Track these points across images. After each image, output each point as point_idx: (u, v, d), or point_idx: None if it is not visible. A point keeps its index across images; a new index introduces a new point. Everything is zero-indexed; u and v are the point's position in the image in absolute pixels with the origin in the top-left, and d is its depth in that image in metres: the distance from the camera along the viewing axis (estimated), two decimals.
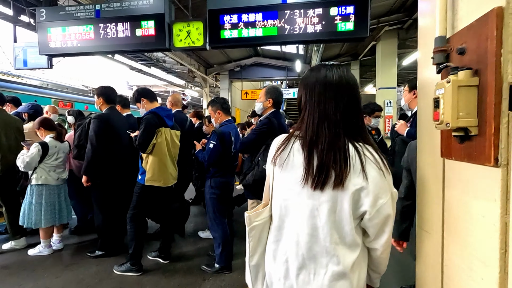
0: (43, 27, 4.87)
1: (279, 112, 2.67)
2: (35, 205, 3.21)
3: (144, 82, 22.84)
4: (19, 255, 3.31)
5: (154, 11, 4.49)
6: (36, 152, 3.18)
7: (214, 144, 2.78)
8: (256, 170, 2.31)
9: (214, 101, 3.10)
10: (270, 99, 2.64)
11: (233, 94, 14.84)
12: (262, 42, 4.39)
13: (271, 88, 2.70)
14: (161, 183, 2.94)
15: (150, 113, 2.91)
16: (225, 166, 2.93)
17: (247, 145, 2.61)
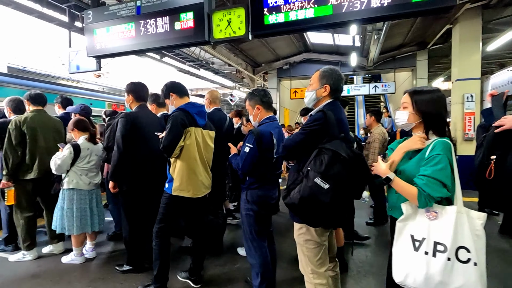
0: (89, 29, 4.89)
1: (338, 103, 1.91)
2: (67, 210, 3.03)
3: (196, 85, 23.70)
4: (54, 261, 3.17)
5: (193, 1, 4.12)
6: (67, 154, 2.99)
7: (250, 147, 2.19)
8: (305, 185, 1.62)
9: (252, 93, 2.44)
10: (327, 86, 1.87)
11: (281, 93, 14.23)
12: (313, 25, 3.68)
13: (327, 70, 1.91)
14: (190, 193, 2.45)
15: (178, 110, 2.43)
16: (265, 175, 2.30)
17: (291, 148, 1.85)
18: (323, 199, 1.56)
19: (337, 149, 1.59)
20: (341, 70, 12.11)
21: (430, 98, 1.53)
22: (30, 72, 6.60)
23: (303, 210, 1.67)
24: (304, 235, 1.84)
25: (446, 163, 1.37)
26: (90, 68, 5.74)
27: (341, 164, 1.56)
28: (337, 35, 9.96)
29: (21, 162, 3.14)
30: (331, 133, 1.69)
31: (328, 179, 1.56)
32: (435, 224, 1.38)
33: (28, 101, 3.38)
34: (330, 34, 9.88)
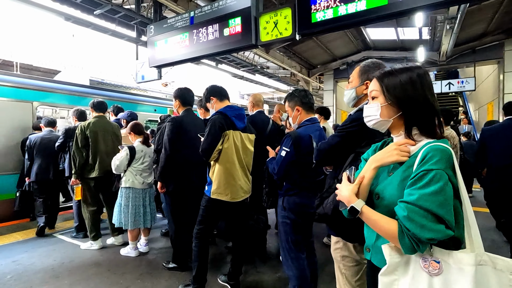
0: (151, 41, 5.38)
1: None
2: (124, 207, 3.26)
3: (251, 90, 24.30)
4: (114, 253, 3.50)
5: (241, 6, 4.18)
6: (124, 155, 3.23)
7: (287, 151, 2.02)
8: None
9: (292, 94, 2.25)
10: (368, 82, 1.56)
11: (338, 95, 13.55)
12: (366, 18, 3.36)
13: (368, 64, 1.63)
14: (228, 197, 2.39)
15: (217, 114, 2.41)
16: (303, 181, 2.10)
17: (326, 152, 1.61)
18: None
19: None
20: None
21: (408, 79, 1.03)
22: (107, 84, 7.61)
23: (337, 222, 1.42)
24: (341, 251, 1.61)
25: (443, 183, 0.85)
26: (153, 77, 6.33)
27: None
28: (401, 29, 9.05)
29: (85, 162, 3.50)
30: (371, 135, 1.40)
31: None
32: (441, 283, 0.86)
33: (92, 108, 3.76)
34: (392, 28, 9.03)
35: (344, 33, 9.58)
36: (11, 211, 4.47)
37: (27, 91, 4.96)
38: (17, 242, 3.68)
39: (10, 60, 10.70)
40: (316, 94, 17.74)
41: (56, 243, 3.70)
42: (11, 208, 4.36)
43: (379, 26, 9.00)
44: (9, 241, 3.70)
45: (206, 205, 2.48)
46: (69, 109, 5.51)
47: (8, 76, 4.93)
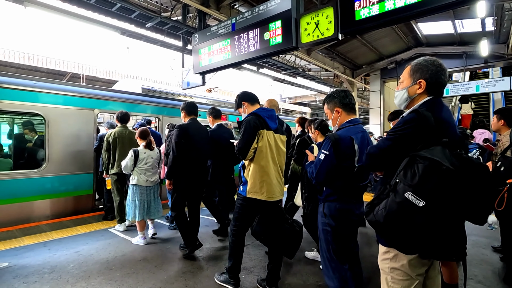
0: (196, 49, 5.65)
1: (440, 101, 1.48)
2: (131, 202, 3.77)
3: (295, 94, 24.06)
4: (161, 249, 3.69)
5: (281, 9, 4.18)
6: (129, 156, 3.73)
7: (326, 154, 1.91)
8: (392, 200, 1.29)
9: (330, 95, 2.14)
10: (421, 81, 1.48)
11: (386, 96, 12.75)
12: (418, 12, 3.10)
13: (421, 62, 1.51)
14: (264, 195, 2.41)
15: (251, 115, 2.50)
16: (345, 186, 1.98)
17: (376, 156, 1.49)
18: (417, 220, 1.24)
19: (437, 157, 1.22)
20: (467, 62, 10.02)
21: None
22: (157, 91, 8.17)
23: (390, 230, 1.34)
24: (391, 262, 1.47)
25: None
26: (197, 83, 6.63)
27: (442, 177, 1.20)
28: (458, 21, 8.21)
29: (108, 161, 4.43)
30: (428, 137, 1.31)
31: (423, 195, 1.21)
32: None
33: (117, 120, 4.59)
34: (449, 21, 8.23)
35: (392, 29, 9.01)
36: (90, 205, 5.33)
37: (89, 99, 5.55)
38: (80, 235, 4.10)
39: (78, 72, 12.09)
40: (361, 96, 16.92)
41: (111, 237, 4.03)
42: (89, 202, 5.26)
43: (433, 20, 8.27)
44: (73, 234, 4.14)
45: (241, 204, 2.56)
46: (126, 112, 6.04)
47: (74, 87, 5.56)
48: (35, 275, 2.90)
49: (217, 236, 4.11)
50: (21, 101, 4.70)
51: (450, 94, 10.27)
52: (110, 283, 2.75)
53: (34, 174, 4.78)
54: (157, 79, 15.08)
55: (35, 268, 3.03)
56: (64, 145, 5.11)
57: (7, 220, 4.44)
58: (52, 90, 5.07)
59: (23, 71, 10.88)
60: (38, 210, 4.81)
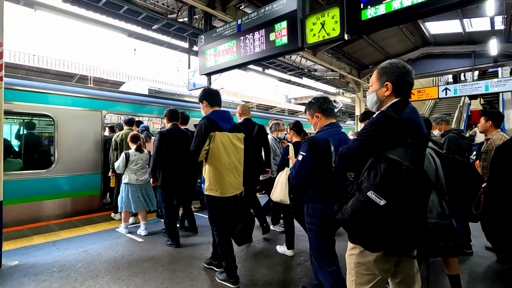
0: (202, 51, 5.68)
1: (407, 102, 1.52)
2: (124, 197, 4.16)
3: (301, 94, 24.01)
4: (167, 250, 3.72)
5: (287, 10, 4.17)
6: (121, 159, 4.14)
7: (304, 155, 2.01)
8: (356, 199, 1.36)
9: (310, 102, 2.29)
10: (388, 83, 1.53)
11: None
12: (425, 11, 3.07)
13: (386, 66, 1.58)
14: (218, 192, 2.67)
15: (203, 119, 2.71)
16: (325, 187, 2.04)
17: (347, 157, 1.53)
18: (377, 217, 1.30)
19: (398, 158, 1.30)
20: (476, 62, 9.88)
21: None
22: (163, 92, 8.24)
23: (355, 228, 1.40)
24: (357, 258, 1.52)
25: None
26: (203, 84, 6.67)
27: (402, 176, 1.28)
28: (467, 20, 8.09)
29: (116, 160, 4.57)
30: (393, 137, 1.37)
31: (384, 194, 1.28)
32: None
33: (124, 123, 5.13)
34: (457, 20, 8.12)
35: (399, 29, 8.93)
36: (97, 205, 5.39)
37: (97, 101, 5.62)
38: (88, 234, 4.16)
39: (86, 74, 12.27)
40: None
41: (119, 237, 4.08)
42: (96, 202, 5.36)
43: (441, 19, 8.17)
44: (82, 233, 4.20)
45: (206, 202, 2.78)
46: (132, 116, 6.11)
47: (82, 89, 5.64)
48: (45, 273, 2.95)
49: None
50: (31, 103, 4.80)
51: (459, 94, 10.13)
52: (117, 282, 2.78)
53: (44, 175, 4.87)
54: (164, 80, 15.22)
55: (44, 267, 3.09)
56: (72, 145, 5.19)
57: (17, 219, 4.53)
58: (61, 92, 5.16)
59: (33, 73, 11.08)
60: (47, 209, 4.89)
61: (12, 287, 2.68)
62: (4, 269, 3.02)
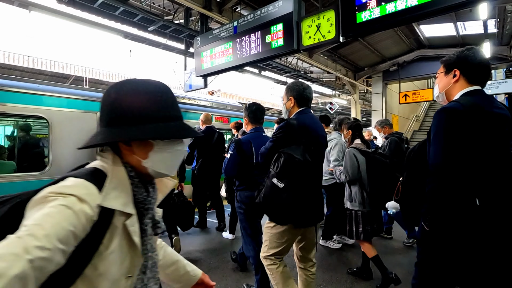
0: (198, 52, 5.68)
1: (307, 111, 2.07)
2: None
3: None
4: None
5: (282, 12, 4.19)
6: None
7: (231, 154, 2.59)
8: (266, 185, 1.87)
9: (244, 108, 2.79)
10: (291, 98, 2.08)
11: (388, 98, 12.73)
12: (419, 14, 3.11)
13: (289, 84, 2.15)
14: None
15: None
16: (249, 178, 2.57)
17: (265, 155, 2.05)
18: (279, 197, 1.80)
19: (293, 153, 1.81)
20: None
21: None
22: None
23: (267, 208, 1.89)
24: (271, 230, 1.99)
25: None
26: (199, 86, 6.65)
27: (294, 166, 1.79)
28: (461, 23, 8.20)
29: None
30: (293, 139, 1.89)
31: (283, 179, 1.80)
32: None
33: None
34: (451, 23, 8.23)
35: (394, 31, 9.01)
36: None
37: (92, 102, 5.59)
38: None
39: (81, 75, 12.18)
40: (363, 98, 16.90)
41: None
42: None
43: (435, 22, 8.27)
44: None
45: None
46: None
47: (77, 90, 5.61)
48: None
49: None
50: (25, 104, 4.75)
51: None
52: None
53: (38, 177, 4.81)
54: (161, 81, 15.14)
55: None
56: (67, 148, 5.14)
57: None
58: (55, 93, 5.11)
59: (27, 74, 10.98)
60: None
61: None
62: None
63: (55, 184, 0.67)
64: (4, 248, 0.52)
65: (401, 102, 11.50)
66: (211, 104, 9.94)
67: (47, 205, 0.61)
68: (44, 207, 0.60)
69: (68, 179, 0.69)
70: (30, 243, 0.53)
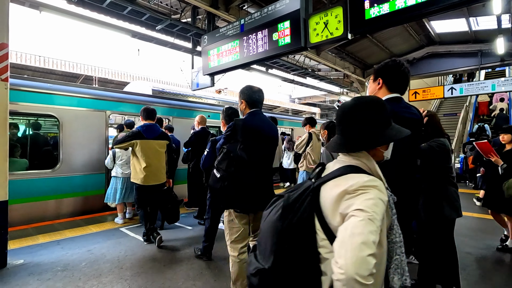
0: (205, 51, 5.68)
1: (257, 112, 2.33)
2: (111, 189, 4.71)
3: (305, 94, 23.89)
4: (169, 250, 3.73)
5: (290, 10, 4.15)
6: (110, 156, 4.77)
7: (208, 151, 3.15)
8: (211, 175, 2.30)
9: (222, 111, 3.10)
10: (242, 101, 2.34)
11: None
12: (430, 10, 3.04)
13: (242, 88, 2.39)
14: (139, 181, 3.67)
15: (135, 130, 3.72)
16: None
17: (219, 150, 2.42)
18: (216, 185, 2.21)
19: (230, 148, 2.19)
20: (483, 61, 9.71)
21: None
22: (167, 93, 8.26)
23: (211, 193, 2.43)
24: (227, 217, 2.36)
25: None
26: (206, 84, 6.67)
27: (230, 159, 2.16)
28: (473, 18, 7.99)
29: None
30: (235, 137, 2.24)
31: (219, 170, 2.20)
32: None
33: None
34: (463, 18, 8.03)
35: (404, 28, 8.85)
36: (100, 205, 5.24)
37: (101, 101, 5.66)
38: (92, 234, 4.18)
39: (91, 75, 12.36)
40: None
41: (122, 236, 4.10)
42: (101, 202, 5.14)
43: (446, 18, 8.08)
44: (86, 232, 4.23)
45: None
46: (135, 117, 6.11)
47: (86, 89, 5.68)
48: (49, 272, 2.97)
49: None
50: (37, 103, 4.84)
51: (465, 94, 10.00)
52: (120, 282, 2.79)
53: (49, 174, 4.91)
54: (167, 80, 15.26)
55: (48, 266, 3.12)
56: (77, 146, 5.23)
57: (23, 218, 4.57)
58: (65, 92, 5.20)
59: (38, 73, 11.20)
60: (52, 209, 4.94)
61: (17, 286, 2.71)
62: (10, 268, 3.05)
63: (351, 179, 0.92)
64: (366, 227, 0.82)
65: (411, 100, 11.30)
66: (218, 102, 9.97)
67: (366, 196, 0.87)
68: (364, 197, 0.86)
69: (359, 175, 0.94)
70: (374, 224, 0.83)
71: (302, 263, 0.91)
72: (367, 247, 0.78)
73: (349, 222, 0.84)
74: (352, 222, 0.83)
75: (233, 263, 2.32)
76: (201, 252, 3.38)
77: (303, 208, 0.95)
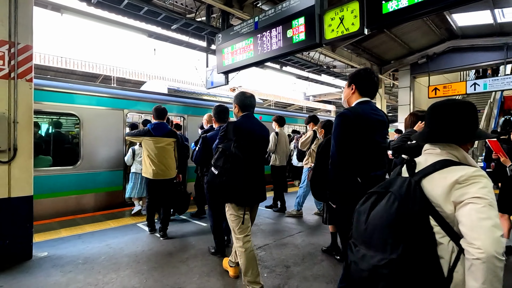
0: (219, 49, 5.71)
1: (249, 115, 2.58)
2: (133, 184, 5.02)
3: (320, 91, 23.58)
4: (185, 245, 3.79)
5: (304, 6, 4.10)
6: (129, 153, 5.07)
7: (199, 147, 3.48)
8: (209, 172, 2.51)
9: (213, 110, 3.36)
10: (236, 105, 2.59)
11: (416, 92, 12.14)
12: (452, 2, 2.91)
13: (236, 94, 2.66)
14: (147, 174, 3.97)
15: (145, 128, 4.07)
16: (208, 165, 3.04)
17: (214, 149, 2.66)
18: (215, 181, 2.41)
19: (225, 147, 2.42)
20: (509, 54, 9.22)
21: None
22: (182, 91, 8.37)
23: (209, 189, 2.73)
24: (228, 211, 2.53)
25: None
26: (221, 83, 6.71)
27: (226, 157, 2.40)
28: (498, 10, 7.60)
29: None
30: (228, 137, 2.48)
31: (217, 167, 2.42)
32: None
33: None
34: (487, 10, 7.65)
35: (423, 22, 8.54)
36: (119, 200, 5.54)
37: (119, 100, 5.82)
38: (110, 229, 4.32)
39: (109, 74, 12.72)
40: (389, 93, 16.27)
41: (139, 232, 4.22)
42: (119, 198, 5.50)
43: (469, 10, 7.73)
44: (105, 227, 4.38)
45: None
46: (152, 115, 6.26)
47: (105, 88, 5.85)
48: (71, 265, 3.10)
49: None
50: (59, 102, 5.04)
51: (489, 89, 9.57)
52: (137, 276, 2.87)
53: (71, 171, 5.11)
54: (182, 79, 15.47)
55: (70, 259, 3.25)
56: (96, 143, 5.41)
57: (47, 212, 4.79)
58: (85, 92, 5.38)
59: (60, 74, 11.64)
60: (74, 204, 5.14)
61: (41, 277, 2.84)
62: (35, 260, 3.21)
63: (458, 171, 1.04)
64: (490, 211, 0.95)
65: (431, 96, 10.93)
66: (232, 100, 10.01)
67: (479, 185, 0.98)
68: (477, 186, 0.98)
69: (463, 167, 1.06)
70: (495, 209, 0.96)
71: (426, 248, 1.01)
72: (498, 229, 0.91)
73: (470, 208, 0.96)
74: (475, 208, 0.95)
75: (240, 254, 2.45)
76: (214, 249, 3.43)
77: (417, 199, 1.05)
